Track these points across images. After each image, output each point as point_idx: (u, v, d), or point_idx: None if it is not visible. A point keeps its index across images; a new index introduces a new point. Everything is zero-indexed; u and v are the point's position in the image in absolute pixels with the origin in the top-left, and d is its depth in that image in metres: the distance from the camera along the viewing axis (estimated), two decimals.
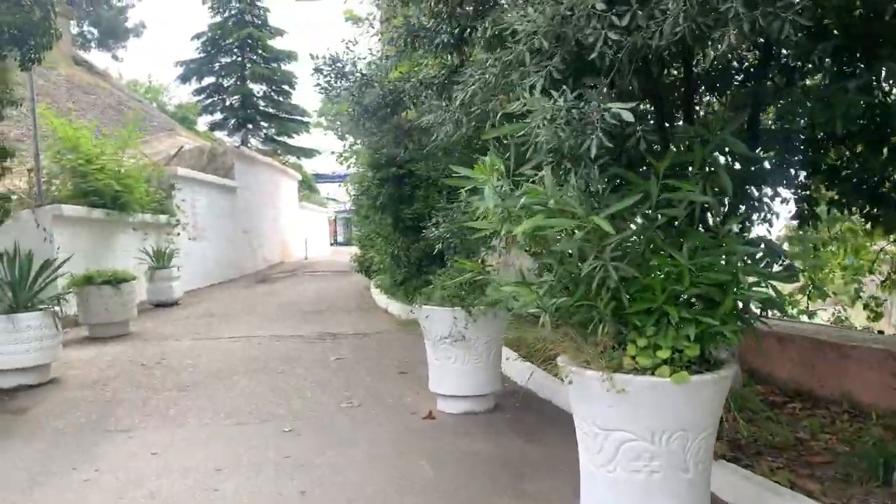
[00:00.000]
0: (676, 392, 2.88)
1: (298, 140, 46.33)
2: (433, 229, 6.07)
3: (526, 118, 2.90)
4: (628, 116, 2.72)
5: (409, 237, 10.03)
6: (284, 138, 45.14)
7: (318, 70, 6.00)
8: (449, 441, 5.01)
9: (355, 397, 6.20)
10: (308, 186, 40.20)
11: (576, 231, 2.94)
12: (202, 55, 45.31)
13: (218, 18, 45.29)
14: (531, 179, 3.07)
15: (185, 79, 45.63)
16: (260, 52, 46.23)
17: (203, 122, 45.35)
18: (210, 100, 46.02)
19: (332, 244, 43.66)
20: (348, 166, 18.61)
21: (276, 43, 45.90)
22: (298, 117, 46.40)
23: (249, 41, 45.29)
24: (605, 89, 2.95)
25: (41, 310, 7.23)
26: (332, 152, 19.01)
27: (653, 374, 2.90)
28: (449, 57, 5.08)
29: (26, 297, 7.30)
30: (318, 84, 6.07)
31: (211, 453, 4.78)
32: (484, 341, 5.51)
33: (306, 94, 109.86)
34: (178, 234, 15.04)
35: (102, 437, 5.25)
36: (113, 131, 13.97)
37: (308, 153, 45.51)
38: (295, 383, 6.77)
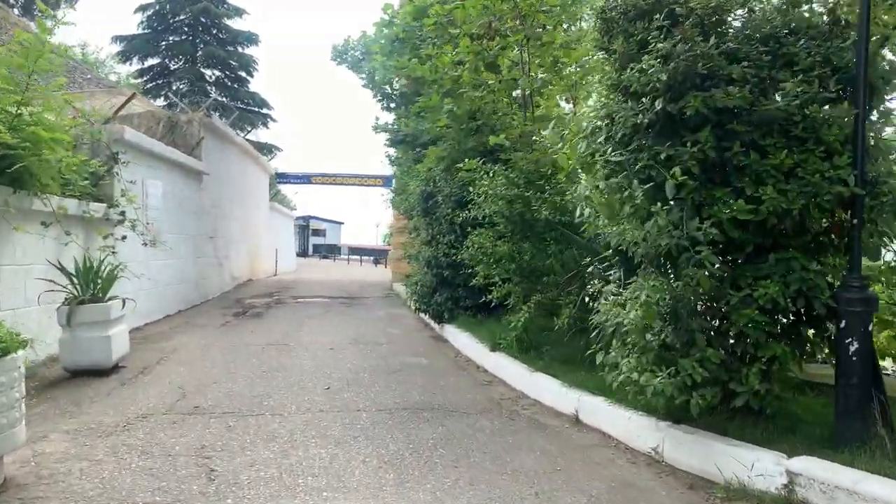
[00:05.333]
0: None
1: (256, 134, 39.61)
2: None
3: None
4: None
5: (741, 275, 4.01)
6: (239, 132, 38.36)
7: None
8: None
9: None
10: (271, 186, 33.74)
11: None
12: (147, 31, 38.26)
13: None
14: None
15: (126, 56, 38.43)
16: (215, 32, 39.51)
17: None
18: (154, 83, 38.88)
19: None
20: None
21: (235, 24, 39.23)
22: (257, 108, 39.83)
23: (203, 19, 38.52)
24: None
25: None
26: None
27: None
28: None
29: None
30: None
31: None
32: None
33: (267, 83, 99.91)
34: (124, 236, 8.62)
35: None
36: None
37: (267, 149, 38.78)
38: None
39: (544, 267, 6.57)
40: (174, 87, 39.23)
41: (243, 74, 39.84)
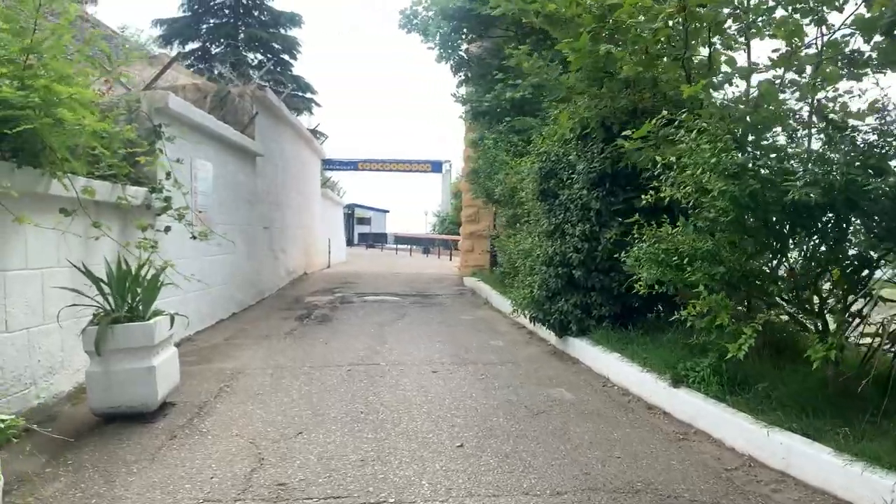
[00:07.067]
0: None
1: (308, 119, 37.96)
2: None
3: None
4: None
5: None
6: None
7: None
8: None
9: None
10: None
11: None
12: (187, 14, 36.86)
13: None
14: None
15: (166, 40, 37.05)
16: (257, 14, 37.95)
17: None
18: (194, 68, 37.38)
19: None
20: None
21: (277, 4, 37.65)
22: (301, 93, 38.14)
23: (245, 0, 37.02)
24: None
25: None
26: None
27: None
28: None
29: None
30: None
31: None
32: None
33: (310, 66, 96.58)
34: (168, 227, 6.80)
35: None
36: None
37: (313, 135, 37.08)
38: None
39: (761, 272, 4.51)
40: (216, 73, 37.74)
41: (286, 57, 38.34)
